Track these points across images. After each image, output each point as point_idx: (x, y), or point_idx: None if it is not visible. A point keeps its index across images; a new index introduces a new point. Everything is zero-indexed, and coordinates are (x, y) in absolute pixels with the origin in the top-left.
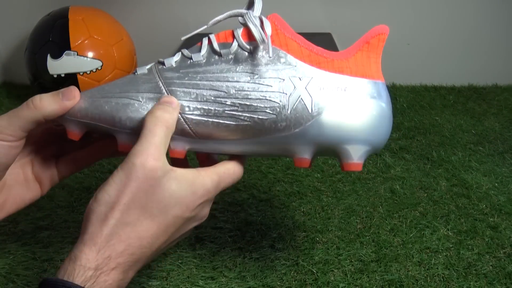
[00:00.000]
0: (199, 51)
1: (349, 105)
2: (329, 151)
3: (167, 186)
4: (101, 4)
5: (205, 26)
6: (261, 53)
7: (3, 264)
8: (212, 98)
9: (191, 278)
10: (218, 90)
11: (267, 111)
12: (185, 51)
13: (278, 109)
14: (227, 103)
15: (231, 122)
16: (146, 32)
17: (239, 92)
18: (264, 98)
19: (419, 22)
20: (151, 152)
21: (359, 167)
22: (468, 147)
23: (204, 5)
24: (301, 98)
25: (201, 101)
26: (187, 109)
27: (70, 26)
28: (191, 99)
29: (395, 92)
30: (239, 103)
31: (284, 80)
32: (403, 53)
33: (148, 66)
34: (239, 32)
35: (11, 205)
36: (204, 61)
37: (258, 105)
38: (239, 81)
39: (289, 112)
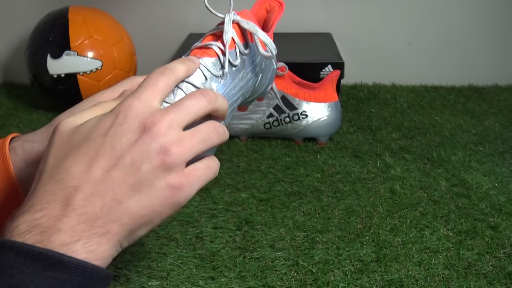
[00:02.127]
0: (221, 72)
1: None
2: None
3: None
4: (101, 4)
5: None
6: (254, 52)
7: None
8: (235, 104)
9: (191, 278)
10: (242, 96)
11: (255, 87)
12: (212, 70)
13: (257, 83)
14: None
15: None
16: (146, 32)
17: (250, 89)
18: (259, 82)
19: (419, 22)
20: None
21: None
22: (468, 147)
23: (204, 5)
24: (262, 69)
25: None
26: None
27: (70, 26)
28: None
29: (395, 92)
30: (250, 95)
31: (260, 62)
32: (403, 53)
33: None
34: (236, 37)
35: None
36: (228, 75)
37: (256, 88)
38: (251, 80)
39: (258, 80)
